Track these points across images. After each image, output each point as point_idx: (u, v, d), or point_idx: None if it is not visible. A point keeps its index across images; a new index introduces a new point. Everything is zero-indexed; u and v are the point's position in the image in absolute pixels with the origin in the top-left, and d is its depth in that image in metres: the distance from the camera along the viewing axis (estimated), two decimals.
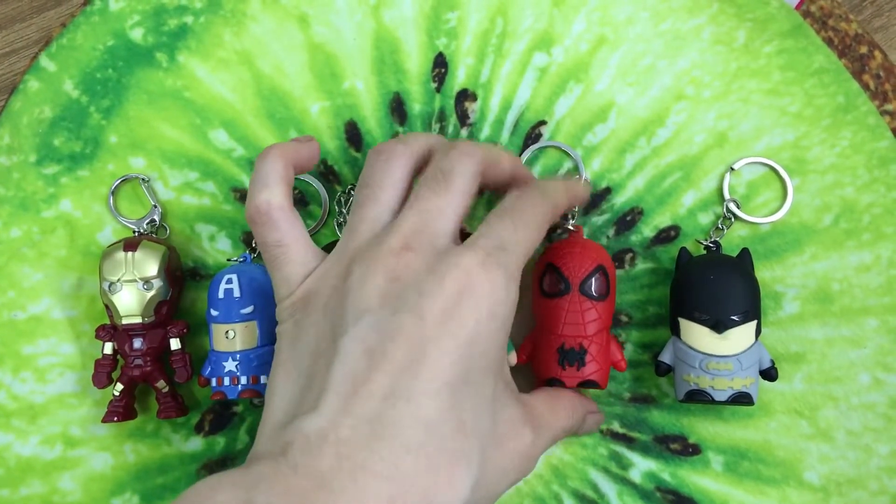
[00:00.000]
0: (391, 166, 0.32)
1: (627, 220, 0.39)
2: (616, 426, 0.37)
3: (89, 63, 0.40)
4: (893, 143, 0.38)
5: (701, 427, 0.37)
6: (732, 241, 0.38)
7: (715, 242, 0.37)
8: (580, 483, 0.36)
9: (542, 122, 0.39)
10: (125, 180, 0.39)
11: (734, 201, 0.38)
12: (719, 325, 0.33)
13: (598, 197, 0.39)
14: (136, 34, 0.40)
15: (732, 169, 0.38)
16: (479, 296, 0.28)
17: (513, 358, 0.36)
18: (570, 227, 0.38)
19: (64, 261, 0.39)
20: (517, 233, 0.30)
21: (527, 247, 0.30)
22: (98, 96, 0.40)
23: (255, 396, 0.35)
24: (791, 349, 0.37)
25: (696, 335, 0.34)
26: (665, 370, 0.35)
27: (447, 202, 0.30)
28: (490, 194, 0.39)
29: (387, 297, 0.28)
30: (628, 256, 0.38)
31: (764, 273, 0.38)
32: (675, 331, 0.35)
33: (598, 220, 0.39)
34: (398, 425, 0.26)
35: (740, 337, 0.34)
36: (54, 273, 0.39)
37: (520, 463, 0.30)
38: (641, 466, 0.37)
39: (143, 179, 0.39)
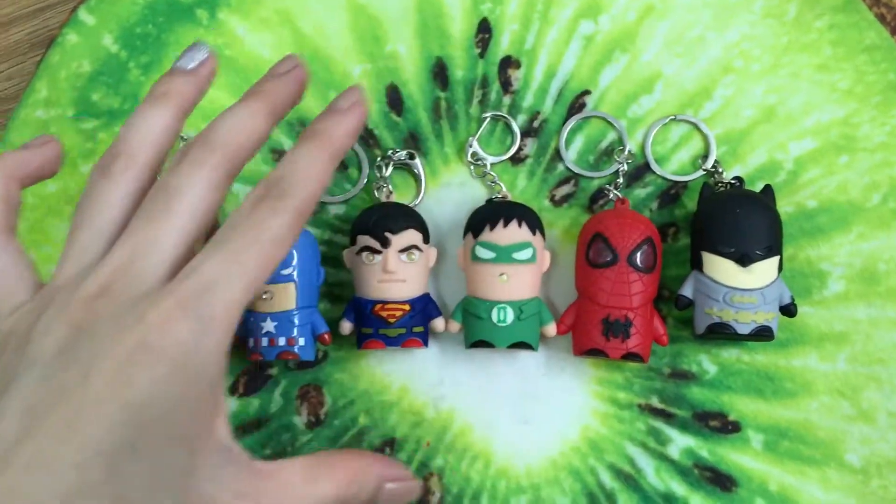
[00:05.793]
0: (110, 183, 0.27)
1: (671, 193, 0.38)
2: (655, 401, 0.36)
3: (129, 18, 0.39)
4: None
5: (741, 404, 0.36)
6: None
7: (738, 178, 0.36)
8: (617, 457, 0.36)
9: (587, 92, 0.39)
10: None
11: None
12: (745, 259, 0.33)
13: (642, 169, 0.38)
14: None
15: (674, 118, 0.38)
16: (158, 351, 0.23)
17: (552, 329, 0.36)
18: (617, 197, 0.37)
19: None
20: (231, 266, 0.25)
21: (247, 280, 0.25)
22: (137, 52, 0.39)
23: (293, 358, 0.35)
24: (835, 329, 0.36)
25: (721, 268, 0.33)
26: (685, 304, 0.34)
27: (165, 230, 0.26)
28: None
29: (64, 350, 0.24)
30: (671, 230, 0.38)
31: (809, 251, 0.37)
32: (698, 265, 0.34)
33: (641, 192, 0.38)
34: (33, 499, 0.22)
35: (765, 271, 0.33)
36: None
37: None
38: (680, 443, 0.36)
39: (181, 138, 0.38)
